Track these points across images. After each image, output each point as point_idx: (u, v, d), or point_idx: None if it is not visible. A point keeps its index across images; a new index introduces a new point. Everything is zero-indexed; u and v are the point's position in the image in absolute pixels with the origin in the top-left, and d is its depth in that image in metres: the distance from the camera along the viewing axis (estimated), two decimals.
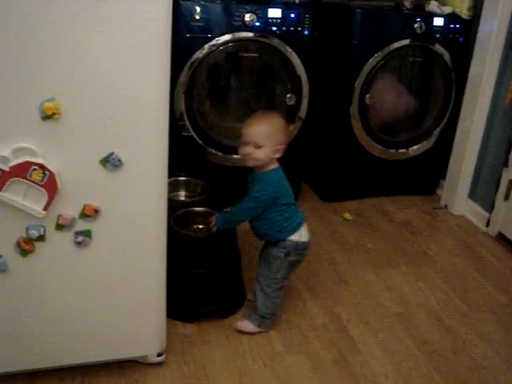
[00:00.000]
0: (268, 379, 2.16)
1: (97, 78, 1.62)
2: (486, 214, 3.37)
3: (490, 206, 3.35)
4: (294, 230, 2.29)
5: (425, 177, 3.74)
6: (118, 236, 1.83)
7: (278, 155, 2.24)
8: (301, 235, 2.30)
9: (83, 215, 1.76)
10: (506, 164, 3.20)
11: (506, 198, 3.22)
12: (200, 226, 2.51)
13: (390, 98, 3.49)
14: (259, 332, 2.37)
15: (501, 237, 3.29)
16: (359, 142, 3.42)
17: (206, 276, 2.38)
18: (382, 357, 2.31)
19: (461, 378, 2.26)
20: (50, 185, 1.67)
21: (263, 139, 2.18)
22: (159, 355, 2.12)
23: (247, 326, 2.38)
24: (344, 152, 3.47)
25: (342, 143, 3.44)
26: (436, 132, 3.58)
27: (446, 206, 3.61)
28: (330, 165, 3.55)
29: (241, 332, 2.37)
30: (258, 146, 2.19)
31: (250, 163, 2.25)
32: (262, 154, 2.20)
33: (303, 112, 3.22)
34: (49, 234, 1.76)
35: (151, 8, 1.61)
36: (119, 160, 1.72)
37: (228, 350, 2.28)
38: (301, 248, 2.31)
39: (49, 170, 1.65)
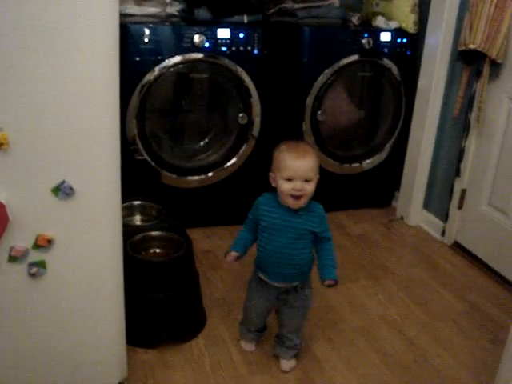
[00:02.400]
0: None
1: (45, 106, 1.60)
2: (441, 224, 3.42)
3: (444, 216, 3.40)
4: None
5: (380, 189, 3.78)
6: (73, 265, 1.80)
7: None
8: None
9: (36, 246, 1.72)
10: (458, 173, 3.26)
11: (460, 206, 3.27)
12: (157, 250, 2.48)
13: (341, 113, 3.53)
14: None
15: (456, 245, 3.33)
16: None
17: (166, 300, 2.35)
18: (345, 372, 2.31)
19: None
20: (1, 217, 1.64)
21: (312, 172, 2.02)
22: None
23: (293, 363, 2.31)
24: None
25: None
26: (388, 145, 3.63)
27: (401, 218, 3.65)
28: None
29: (287, 372, 2.29)
30: (307, 180, 2.01)
31: (303, 201, 2.04)
32: (312, 188, 2.03)
33: (256, 131, 3.23)
34: (1, 267, 1.71)
35: (98, 33, 1.59)
36: (71, 188, 1.69)
37: (191, 374, 2.25)
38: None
39: None
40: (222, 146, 3.25)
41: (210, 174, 3.23)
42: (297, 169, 1.99)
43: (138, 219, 2.74)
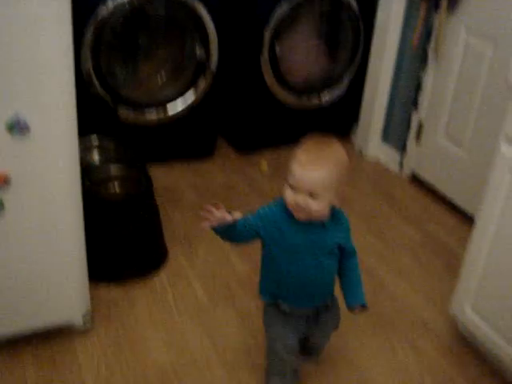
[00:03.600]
0: (196, 332, 2.18)
1: None
2: (399, 156, 3.46)
3: (402, 148, 3.44)
4: None
5: (339, 122, 3.78)
6: (31, 202, 1.78)
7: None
8: None
9: None
10: (415, 105, 3.28)
11: (417, 139, 3.31)
12: (116, 187, 2.47)
13: (300, 46, 3.49)
14: None
15: (414, 177, 3.38)
16: (271, 92, 3.42)
17: (126, 236, 2.35)
18: None
19: (382, 314, 2.34)
20: None
21: (321, 188, 1.57)
22: (84, 319, 2.09)
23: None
24: (257, 103, 3.46)
25: (254, 94, 3.43)
26: (347, 78, 3.62)
27: (360, 151, 3.68)
28: (244, 116, 3.54)
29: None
30: (312, 195, 1.58)
31: (303, 216, 1.63)
32: (316, 206, 1.59)
33: (214, 65, 3.18)
34: None
35: None
36: (25, 124, 1.65)
37: (154, 308, 2.28)
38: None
39: None
40: (179, 80, 3.20)
41: (168, 109, 3.19)
42: (300, 178, 1.57)
43: (95, 156, 2.71)
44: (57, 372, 1.98)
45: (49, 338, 2.08)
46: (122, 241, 2.35)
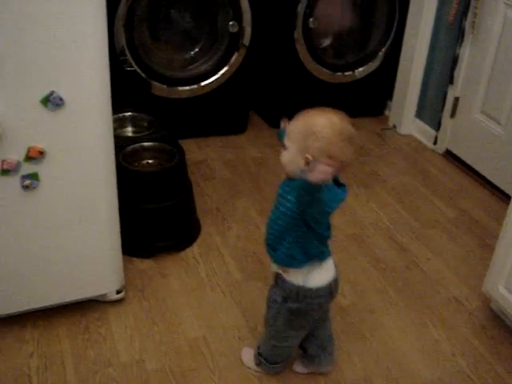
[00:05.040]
0: (228, 306, 2.20)
1: (30, 16, 1.56)
2: (434, 132, 3.42)
3: (437, 124, 3.39)
4: (303, 265, 1.67)
5: (372, 98, 3.75)
6: (66, 176, 1.80)
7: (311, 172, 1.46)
8: (308, 278, 1.69)
9: (28, 158, 1.72)
10: (451, 81, 3.23)
11: (452, 115, 3.26)
12: (149, 161, 2.48)
13: (333, 20, 3.46)
14: (256, 371, 1.97)
15: (448, 154, 3.34)
16: (305, 67, 3.39)
17: (160, 210, 2.37)
18: None
19: (414, 291, 2.33)
20: None
21: (289, 140, 1.59)
22: (118, 292, 2.13)
23: (244, 354, 2.01)
24: (290, 77, 3.44)
25: (288, 69, 3.41)
26: (381, 53, 3.57)
27: (394, 126, 3.64)
28: (277, 91, 3.52)
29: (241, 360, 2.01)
30: (284, 146, 1.61)
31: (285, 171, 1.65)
32: (283, 156, 1.61)
33: (247, 39, 3.16)
34: None
35: None
36: (60, 99, 1.67)
37: (187, 282, 2.30)
38: (304, 295, 1.70)
39: None
40: (213, 55, 3.19)
41: (202, 84, 3.19)
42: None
43: (129, 131, 2.72)
44: (91, 343, 2.02)
45: (83, 310, 2.12)
46: (155, 214, 2.37)
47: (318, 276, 1.69)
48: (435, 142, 3.41)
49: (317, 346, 1.90)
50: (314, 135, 1.54)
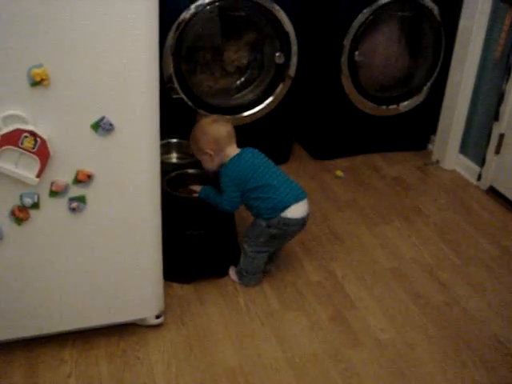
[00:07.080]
0: (266, 337, 2.20)
1: (84, 42, 1.60)
2: (477, 168, 3.39)
3: (481, 160, 3.36)
4: (278, 211, 2.29)
5: (416, 132, 3.73)
6: (112, 200, 1.84)
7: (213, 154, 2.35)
8: (287, 212, 2.29)
9: (76, 181, 1.76)
10: (496, 118, 3.20)
11: (497, 151, 3.23)
12: (193, 188, 2.51)
13: (379, 54, 3.47)
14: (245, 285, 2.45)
15: (492, 190, 3.30)
16: (349, 99, 3.40)
17: (201, 237, 2.39)
18: (377, 311, 2.35)
19: (454, 328, 2.30)
20: (42, 151, 1.67)
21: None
22: (158, 317, 2.15)
23: (231, 271, 2.50)
24: (334, 110, 3.45)
25: (332, 101, 3.43)
26: (426, 87, 3.57)
27: (437, 161, 3.62)
28: (321, 123, 3.54)
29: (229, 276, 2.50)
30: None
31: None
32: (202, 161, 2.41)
33: (292, 70, 3.19)
34: (43, 202, 1.76)
35: None
36: (110, 124, 1.71)
37: (225, 309, 2.31)
38: (284, 223, 2.30)
39: (40, 137, 1.65)
40: (259, 85, 3.23)
41: (246, 114, 3.22)
42: None
43: (174, 157, 2.77)
44: (128, 366, 2.03)
45: (122, 333, 2.14)
46: (197, 241, 2.39)
47: (295, 210, 2.30)
48: (479, 179, 3.38)
49: (269, 258, 2.46)
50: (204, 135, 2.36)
